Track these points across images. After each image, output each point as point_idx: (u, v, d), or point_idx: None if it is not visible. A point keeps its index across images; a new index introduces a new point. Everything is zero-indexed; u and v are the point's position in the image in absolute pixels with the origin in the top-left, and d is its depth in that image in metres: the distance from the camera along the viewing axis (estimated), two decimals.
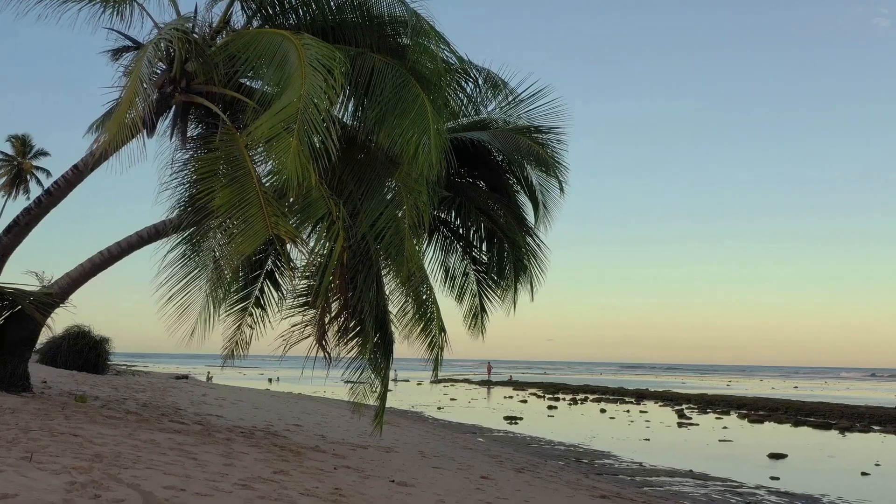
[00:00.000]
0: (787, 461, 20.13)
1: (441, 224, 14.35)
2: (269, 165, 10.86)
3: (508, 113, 14.08)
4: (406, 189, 11.29)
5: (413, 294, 12.03)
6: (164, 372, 54.79)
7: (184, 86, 11.46)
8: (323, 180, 10.88)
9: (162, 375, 41.84)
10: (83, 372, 24.57)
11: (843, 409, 37.52)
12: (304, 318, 12.65)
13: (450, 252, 14.52)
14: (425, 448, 15.64)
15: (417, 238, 11.65)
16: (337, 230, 10.43)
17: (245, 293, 14.09)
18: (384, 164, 11.66)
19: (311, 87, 9.67)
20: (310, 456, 10.74)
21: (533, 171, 14.26)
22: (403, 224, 11.18)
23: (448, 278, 14.62)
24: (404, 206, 11.28)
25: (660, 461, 18.88)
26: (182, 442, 9.58)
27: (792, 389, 67.73)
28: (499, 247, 13.75)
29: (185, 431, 10.99)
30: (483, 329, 14.40)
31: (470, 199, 13.58)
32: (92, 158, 11.36)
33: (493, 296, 14.33)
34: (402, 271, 11.23)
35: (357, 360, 12.47)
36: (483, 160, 14.23)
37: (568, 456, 19.31)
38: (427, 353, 12.07)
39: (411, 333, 12.18)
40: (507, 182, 14.48)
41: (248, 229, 10.10)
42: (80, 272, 12.57)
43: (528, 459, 16.42)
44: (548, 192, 14.28)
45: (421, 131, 10.44)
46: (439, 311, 12.29)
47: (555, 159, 13.45)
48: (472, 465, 13.27)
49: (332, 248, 10.48)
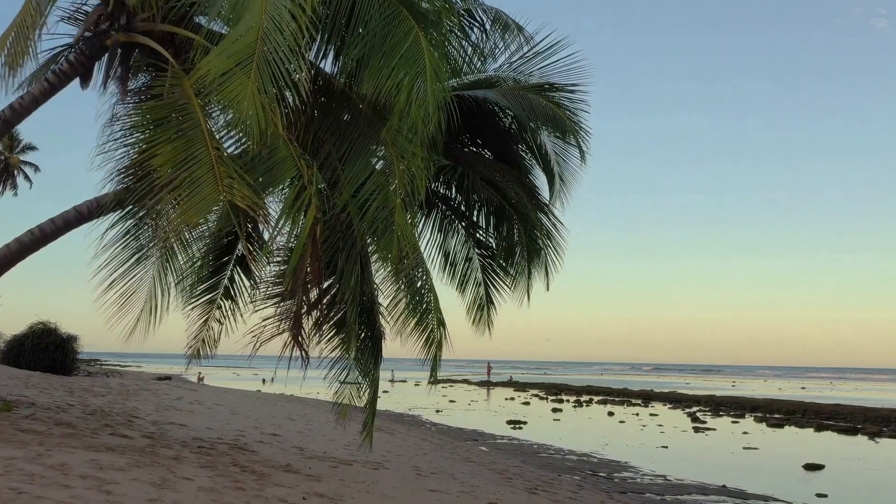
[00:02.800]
0: (825, 473, 18.02)
1: (440, 200, 12.21)
2: (228, 116, 8.74)
3: (519, 70, 11.94)
4: (396, 150, 9.16)
5: (406, 280, 9.91)
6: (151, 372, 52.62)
7: (123, 23, 9.33)
8: (293, 138, 8.78)
9: (145, 376, 39.65)
10: (48, 373, 22.41)
11: (863, 412, 35.58)
12: (278, 310, 10.53)
13: (450, 233, 12.35)
14: (421, 462, 13.52)
15: (411, 211, 9.53)
16: (308, 197, 8.29)
17: (213, 282, 11.93)
18: (370, 120, 9.53)
19: (275, 10, 7.56)
20: (276, 479, 8.61)
21: (548, 137, 12.13)
22: (393, 194, 9.06)
23: (448, 265, 12.44)
24: (394, 172, 9.15)
25: (685, 473, 16.78)
26: (107, 465, 7.45)
27: (800, 390, 65.91)
28: (508, 226, 11.61)
29: (123, 449, 8.86)
30: (490, 323, 12.26)
31: (474, 169, 11.47)
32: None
33: (501, 284, 12.19)
34: (391, 251, 9.07)
35: (341, 360, 10.37)
36: (489, 125, 12.11)
37: (582, 468, 17.19)
38: (424, 352, 9.95)
39: (404, 328, 10.06)
40: (516, 151, 12.35)
41: (195, 194, 7.98)
42: (4, 255, 10.41)
43: (540, 475, 14.29)
44: (565, 163, 12.15)
45: (414, 73, 8.33)
46: (437, 302, 10.15)
47: (574, 122, 11.35)
48: (476, 486, 11.15)
49: (303, 221, 8.35)
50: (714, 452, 21.51)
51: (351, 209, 9.11)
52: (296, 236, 8.52)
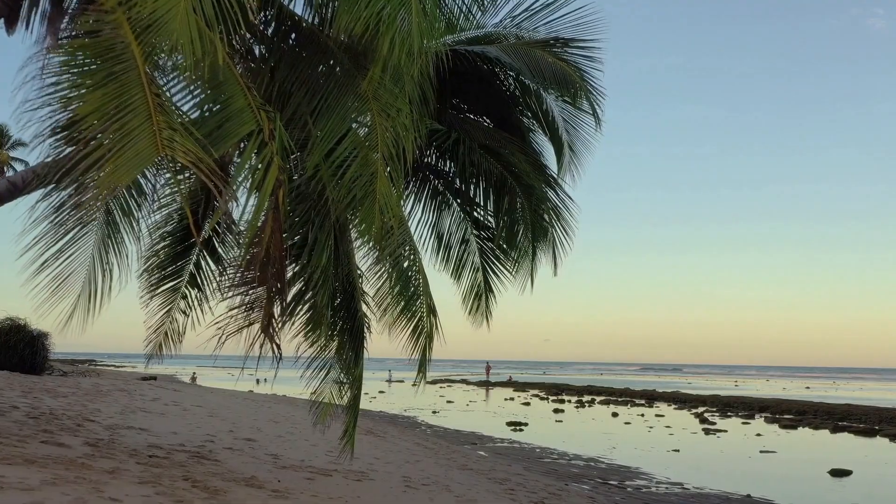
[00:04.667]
0: (854, 480, 16.54)
1: (432, 174, 10.72)
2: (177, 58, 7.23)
3: (523, 26, 10.44)
4: (378, 105, 7.67)
5: (391, 260, 8.44)
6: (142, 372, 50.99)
7: None
8: (251, 86, 7.29)
9: (129, 376, 38.08)
10: (15, 372, 20.91)
11: (878, 413, 34.25)
12: (247, 298, 9.05)
13: (444, 212, 10.85)
14: (412, 471, 12.04)
15: (395, 177, 8.02)
16: (270, 154, 6.79)
17: (176, 268, 10.45)
18: (348, 71, 8.02)
19: None
20: (232, 496, 7.14)
21: (555, 102, 10.64)
22: (374, 155, 7.57)
23: (442, 248, 10.93)
24: (376, 131, 7.65)
25: (704, 481, 15.30)
26: (14, 482, 5.97)
27: (804, 390, 64.65)
28: (510, 201, 10.11)
29: (49, 460, 7.37)
30: (488, 314, 10.77)
31: (471, 136, 10.00)
32: None
33: (501, 269, 10.71)
34: (372, 224, 7.58)
35: (318, 355, 8.89)
36: (488, 89, 10.63)
37: (591, 475, 15.69)
38: (411, 344, 8.48)
39: (389, 317, 8.59)
40: (519, 118, 10.88)
41: (127, 150, 6.47)
42: None
43: (546, 484, 12.80)
44: (575, 130, 10.67)
45: (397, 2, 6.84)
46: (427, 286, 8.69)
47: (586, 81, 9.88)
48: (474, 500, 9.66)
49: (264, 184, 6.85)
50: (730, 457, 20.03)
51: (323, 172, 7.61)
52: (254, 205, 7.01)
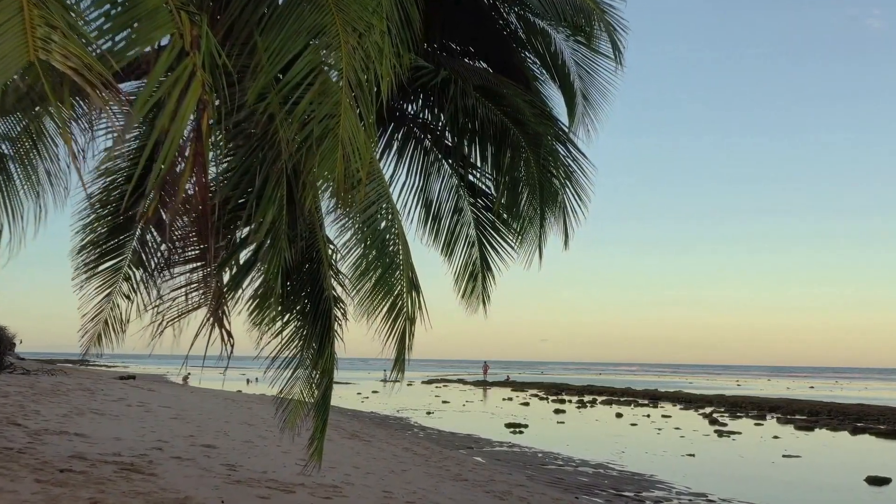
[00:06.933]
0: (895, 488, 14.82)
1: (418, 128, 8.94)
2: None
3: None
4: (343, 18, 5.88)
5: (363, 220, 6.66)
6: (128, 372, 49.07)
7: None
8: None
9: (106, 376, 36.16)
10: None
11: (893, 413, 32.55)
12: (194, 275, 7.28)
13: (433, 175, 9.06)
14: (396, 483, 10.25)
15: (365, 113, 6.20)
16: (191, 67, 4.98)
17: (115, 244, 8.65)
18: None
19: None
20: None
21: (565, 42, 8.90)
22: (337, 81, 5.78)
23: (431, 218, 9.12)
24: (340, 49, 5.85)
25: (729, 491, 13.55)
26: None
27: (809, 390, 62.95)
28: (513, 156, 8.29)
29: None
30: (486, 297, 8.99)
31: (465, 79, 8.23)
32: None
33: (501, 242, 8.94)
34: (335, 172, 5.78)
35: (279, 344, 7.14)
36: (486, 24, 8.87)
37: (602, 484, 13.90)
38: (387, 330, 6.69)
39: (360, 295, 6.79)
40: (523, 62, 9.12)
41: None
42: None
43: (553, 498, 11.01)
44: (590, 76, 8.91)
45: None
46: (409, 256, 6.90)
47: (604, 10, 8.12)
48: None
49: (181, 108, 5.02)
50: (751, 462, 18.26)
51: (271, 100, 5.81)
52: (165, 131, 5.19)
